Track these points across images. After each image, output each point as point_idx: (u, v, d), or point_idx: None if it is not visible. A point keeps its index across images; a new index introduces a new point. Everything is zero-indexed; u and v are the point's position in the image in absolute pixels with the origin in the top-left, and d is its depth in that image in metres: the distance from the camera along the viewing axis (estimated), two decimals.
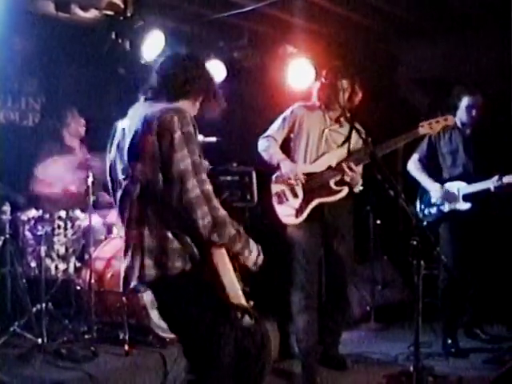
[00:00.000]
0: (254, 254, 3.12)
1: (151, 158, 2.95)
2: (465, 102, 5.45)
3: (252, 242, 3.12)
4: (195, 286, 3.00)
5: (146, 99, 3.22)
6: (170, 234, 2.96)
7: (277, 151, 5.13)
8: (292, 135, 5.17)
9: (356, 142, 4.96)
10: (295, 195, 4.98)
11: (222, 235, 2.93)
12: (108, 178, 3.22)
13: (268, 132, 5.23)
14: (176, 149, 2.91)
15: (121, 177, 3.09)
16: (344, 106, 4.87)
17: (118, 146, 3.13)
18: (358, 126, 4.84)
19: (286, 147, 5.21)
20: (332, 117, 5.08)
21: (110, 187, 3.21)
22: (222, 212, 2.95)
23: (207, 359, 3.07)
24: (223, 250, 2.98)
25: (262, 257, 3.19)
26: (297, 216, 4.95)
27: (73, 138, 5.89)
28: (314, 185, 4.95)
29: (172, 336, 4.92)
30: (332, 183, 4.93)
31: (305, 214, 4.93)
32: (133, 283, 3.02)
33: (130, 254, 3.04)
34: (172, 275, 2.96)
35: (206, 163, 3.10)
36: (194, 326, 3.06)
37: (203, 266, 2.97)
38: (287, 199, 5.01)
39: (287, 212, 4.99)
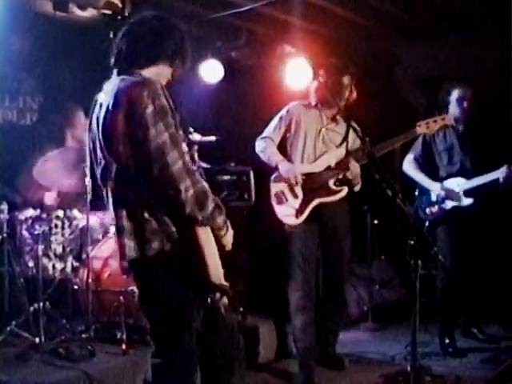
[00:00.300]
0: (231, 232, 3.07)
1: (124, 137, 2.88)
2: (455, 94, 5.47)
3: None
4: (172, 266, 2.94)
5: (118, 73, 3.13)
6: (146, 215, 2.91)
7: (274, 152, 5.13)
8: (289, 134, 5.16)
9: (353, 141, 4.97)
10: (295, 195, 4.97)
11: (204, 208, 2.86)
12: (88, 156, 3.15)
13: (265, 133, 5.23)
14: (149, 125, 2.82)
15: (100, 155, 3.04)
16: (340, 104, 4.88)
17: (98, 121, 3.04)
18: (354, 124, 4.85)
19: (283, 147, 5.21)
20: (328, 115, 5.08)
21: (90, 165, 3.15)
22: (204, 184, 2.90)
23: (174, 341, 3.02)
24: (208, 228, 2.93)
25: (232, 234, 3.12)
26: (297, 216, 4.94)
27: (74, 140, 5.85)
28: (313, 185, 4.94)
29: None
30: (331, 183, 4.93)
31: (305, 215, 4.93)
32: (124, 264, 3.01)
33: (116, 235, 3.03)
34: (150, 256, 2.92)
35: (182, 135, 3.02)
36: (166, 307, 3.00)
37: (183, 245, 2.91)
38: (287, 199, 5.00)
39: (287, 212, 4.98)
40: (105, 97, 3.05)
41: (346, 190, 4.95)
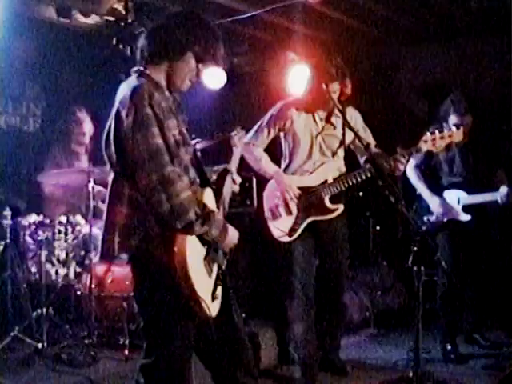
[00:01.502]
0: (222, 235, 3.05)
1: (112, 144, 2.95)
2: (452, 120, 5.34)
3: (222, 223, 3.07)
4: (151, 266, 2.97)
5: (135, 71, 3.12)
6: (133, 212, 2.93)
7: (267, 161, 5.00)
8: (282, 140, 5.04)
9: (352, 141, 4.93)
10: (289, 212, 4.85)
11: (181, 222, 2.86)
12: None
13: (252, 136, 5.01)
14: (128, 136, 2.87)
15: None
16: (333, 104, 4.70)
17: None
18: (358, 120, 4.90)
19: (273, 150, 5.11)
20: (322, 116, 4.93)
21: None
22: (182, 197, 2.86)
23: (159, 341, 3.04)
24: (185, 236, 2.91)
25: (234, 240, 3.15)
26: (290, 235, 4.83)
27: (77, 145, 5.86)
28: (308, 201, 4.82)
29: None
30: (327, 200, 4.82)
31: (298, 232, 4.83)
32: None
33: (105, 228, 3.04)
34: (132, 252, 2.99)
35: (176, 137, 2.99)
36: (149, 306, 3.04)
37: (161, 247, 2.91)
38: (280, 215, 4.87)
39: (280, 233, 4.87)
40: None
41: (341, 208, 4.83)
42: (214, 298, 3.05)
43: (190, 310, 2.96)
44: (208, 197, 3.12)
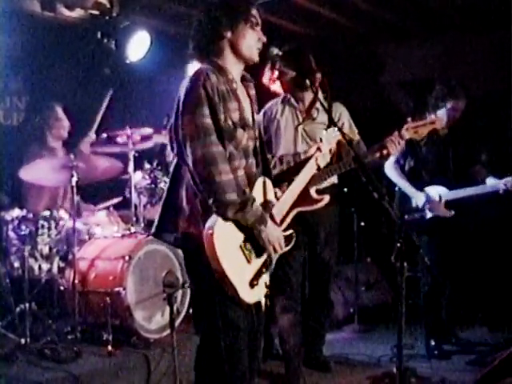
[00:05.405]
0: (258, 223, 3.14)
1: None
2: (450, 104, 5.37)
3: (260, 213, 3.17)
4: (190, 245, 3.10)
5: None
6: (184, 194, 3.08)
7: None
8: (270, 136, 5.02)
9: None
10: None
11: (216, 202, 2.96)
12: None
13: None
14: (180, 115, 3.02)
15: None
16: (316, 91, 4.71)
17: None
18: (344, 113, 4.89)
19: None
20: (302, 108, 4.94)
21: None
22: (222, 178, 2.96)
23: (204, 320, 3.17)
24: (216, 218, 2.99)
25: (274, 235, 3.32)
26: (280, 224, 4.84)
27: (55, 139, 5.85)
28: None
29: (156, 337, 4.93)
30: (313, 191, 4.83)
31: (285, 224, 4.82)
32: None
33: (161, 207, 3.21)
34: (181, 235, 3.11)
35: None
36: (194, 286, 3.24)
37: (199, 227, 3.02)
38: None
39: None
40: None
41: (327, 198, 4.82)
42: (252, 285, 3.11)
43: (225, 292, 3.02)
44: (261, 185, 3.29)
